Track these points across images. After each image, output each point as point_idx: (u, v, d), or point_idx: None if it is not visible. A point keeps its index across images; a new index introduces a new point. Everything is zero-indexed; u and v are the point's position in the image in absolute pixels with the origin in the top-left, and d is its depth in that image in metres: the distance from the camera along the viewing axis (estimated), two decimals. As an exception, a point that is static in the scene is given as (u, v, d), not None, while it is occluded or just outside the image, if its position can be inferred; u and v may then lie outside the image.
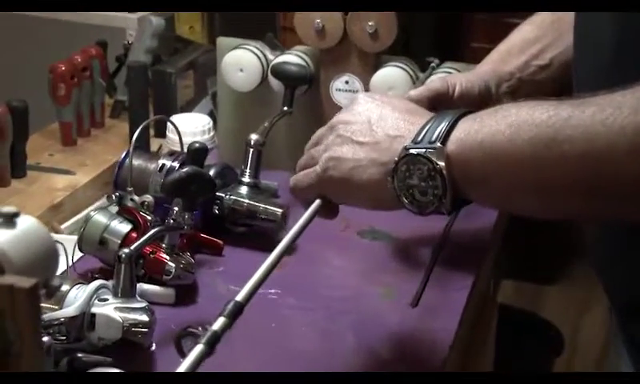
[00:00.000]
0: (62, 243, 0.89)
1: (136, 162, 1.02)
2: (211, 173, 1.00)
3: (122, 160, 1.02)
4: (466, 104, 0.83)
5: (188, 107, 1.47)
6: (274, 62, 1.10)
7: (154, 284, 0.88)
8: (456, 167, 0.62)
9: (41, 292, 0.43)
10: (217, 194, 0.99)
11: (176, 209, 0.87)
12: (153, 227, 0.86)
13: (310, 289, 0.95)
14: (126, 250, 0.78)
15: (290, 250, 0.98)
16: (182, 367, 0.49)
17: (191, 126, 1.28)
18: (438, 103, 0.83)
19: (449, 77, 0.87)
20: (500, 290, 2.35)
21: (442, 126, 0.63)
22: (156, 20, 1.45)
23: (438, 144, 0.62)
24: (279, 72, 1.09)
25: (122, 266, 0.78)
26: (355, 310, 0.91)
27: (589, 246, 0.81)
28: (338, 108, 1.13)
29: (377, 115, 0.70)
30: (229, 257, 0.99)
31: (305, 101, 1.13)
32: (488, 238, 1.06)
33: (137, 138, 0.98)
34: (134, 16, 1.72)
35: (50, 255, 0.44)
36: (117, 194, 0.91)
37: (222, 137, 1.22)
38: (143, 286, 0.86)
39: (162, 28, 1.45)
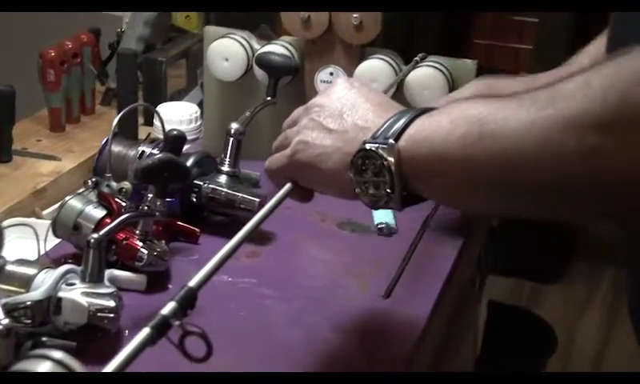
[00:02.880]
0: (33, 227, 0.90)
1: (116, 149, 1.03)
2: (190, 161, 1.00)
3: (102, 147, 1.02)
4: None
5: (179, 96, 1.47)
6: (258, 52, 1.10)
7: (127, 270, 0.88)
8: (405, 163, 0.62)
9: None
10: (195, 181, 0.99)
11: (150, 195, 0.87)
12: (126, 213, 0.86)
13: (285, 279, 0.95)
14: (95, 235, 0.78)
15: (266, 239, 1.01)
16: (123, 353, 0.49)
17: (178, 115, 1.29)
18: None
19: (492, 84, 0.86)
20: (496, 287, 2.36)
21: (401, 123, 0.63)
22: (148, 8, 1.45)
23: (391, 140, 0.62)
24: (263, 62, 1.08)
25: (91, 250, 0.78)
26: (329, 300, 0.90)
27: (623, 253, 0.80)
28: (323, 99, 1.13)
29: (350, 104, 0.70)
30: (205, 245, 0.98)
31: (289, 91, 1.13)
32: (466, 231, 1.05)
33: (118, 125, 0.98)
34: (130, 4, 1.72)
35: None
36: (93, 179, 0.91)
37: (207, 126, 1.22)
38: (114, 272, 0.86)
39: (155, 17, 1.45)
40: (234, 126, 1.01)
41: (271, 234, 1.01)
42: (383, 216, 1.05)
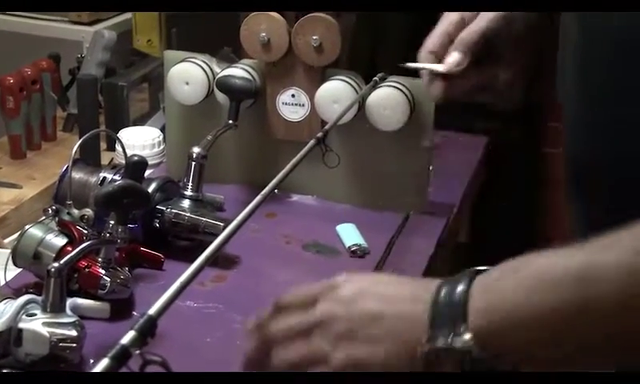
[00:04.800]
0: (-8, 258, 0.88)
1: (77, 176, 1.01)
2: (152, 186, 0.99)
3: (63, 174, 1.01)
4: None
5: (142, 121, 1.46)
6: (218, 76, 1.10)
7: (90, 298, 0.87)
8: (488, 344, 0.54)
9: None
10: (158, 207, 0.98)
11: (112, 222, 0.86)
12: (88, 241, 0.86)
13: (251, 302, 0.93)
14: (55, 264, 0.77)
15: (231, 262, 1.00)
16: None
17: (141, 140, 1.28)
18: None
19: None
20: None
21: (458, 294, 0.54)
22: (108, 33, 1.44)
23: (462, 327, 0.53)
24: (224, 85, 1.08)
25: (52, 280, 0.77)
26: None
27: None
28: (285, 121, 1.13)
29: (376, 310, 0.57)
30: (170, 271, 0.98)
31: (252, 114, 1.13)
32: (432, 251, 1.06)
33: (79, 152, 0.98)
34: (91, 29, 1.72)
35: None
36: (53, 207, 0.90)
37: (170, 150, 1.21)
38: (77, 301, 0.85)
39: (114, 41, 1.45)
40: (196, 150, 1.01)
41: (236, 257, 1.01)
42: (354, 238, 1.05)
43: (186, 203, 1.00)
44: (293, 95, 1.11)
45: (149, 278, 0.97)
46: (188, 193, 1.00)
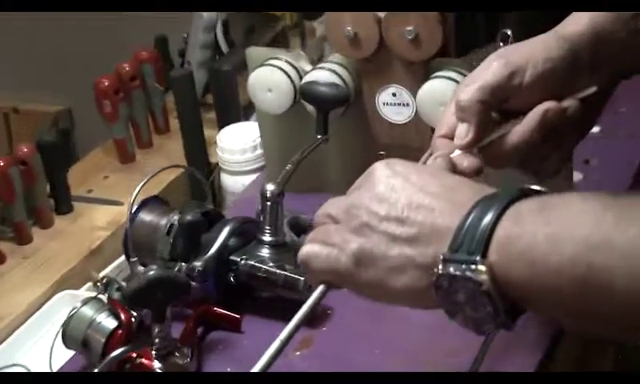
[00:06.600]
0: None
1: (148, 218, 0.89)
2: (227, 229, 0.85)
3: (133, 216, 0.89)
4: (545, 89, 0.65)
5: (252, 108, 1.31)
6: (302, 82, 0.92)
7: (147, 388, 0.76)
8: (501, 281, 0.51)
9: None
10: (231, 258, 0.84)
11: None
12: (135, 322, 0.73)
13: (344, 368, 0.79)
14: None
15: (320, 320, 0.84)
16: None
17: (240, 142, 1.15)
18: (499, 100, 0.65)
19: (510, 57, 0.65)
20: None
21: (484, 225, 0.51)
22: (207, 14, 1.29)
23: (478, 257, 0.51)
24: (308, 94, 0.90)
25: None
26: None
27: None
28: (388, 124, 0.93)
29: (406, 199, 0.56)
30: (251, 332, 0.84)
31: (353, 116, 0.94)
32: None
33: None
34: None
35: None
36: (103, 280, 0.78)
37: (267, 156, 1.06)
38: (128, 398, 0.74)
39: (215, 21, 1.29)
40: (270, 187, 0.85)
41: (329, 309, 0.85)
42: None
43: (264, 251, 0.84)
44: (394, 94, 0.91)
45: (226, 342, 0.83)
46: (266, 238, 0.85)
